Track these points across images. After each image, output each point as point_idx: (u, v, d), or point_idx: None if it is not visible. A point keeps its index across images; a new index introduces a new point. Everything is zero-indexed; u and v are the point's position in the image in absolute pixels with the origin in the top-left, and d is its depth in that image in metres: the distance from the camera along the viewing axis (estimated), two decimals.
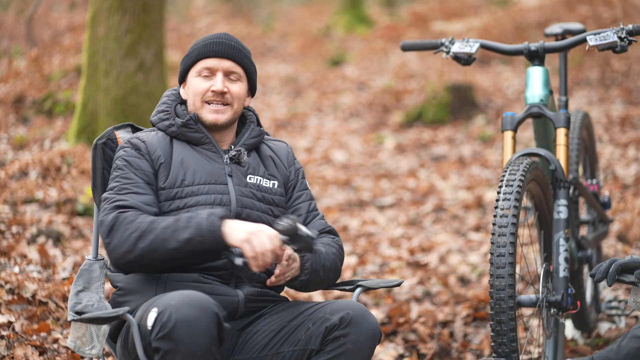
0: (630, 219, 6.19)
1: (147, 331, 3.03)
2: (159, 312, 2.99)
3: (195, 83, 3.42)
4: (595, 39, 4.00)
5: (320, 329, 3.16)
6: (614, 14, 10.84)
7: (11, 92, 9.51)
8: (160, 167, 3.34)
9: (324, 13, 19.24)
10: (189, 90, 3.45)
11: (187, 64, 3.45)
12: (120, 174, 3.32)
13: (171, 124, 3.42)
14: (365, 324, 3.15)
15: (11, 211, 6.25)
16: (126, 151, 3.36)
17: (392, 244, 6.54)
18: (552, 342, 4.05)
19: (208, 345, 2.97)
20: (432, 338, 4.93)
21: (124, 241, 3.18)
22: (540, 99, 4.09)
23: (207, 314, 2.97)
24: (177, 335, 2.94)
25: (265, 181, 3.45)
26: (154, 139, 3.40)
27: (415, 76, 12.15)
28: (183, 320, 2.94)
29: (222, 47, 3.43)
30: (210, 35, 3.48)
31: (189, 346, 2.94)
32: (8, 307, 4.64)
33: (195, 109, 3.43)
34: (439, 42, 4.22)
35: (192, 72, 3.44)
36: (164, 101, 3.51)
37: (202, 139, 3.41)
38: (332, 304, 3.21)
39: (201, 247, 3.15)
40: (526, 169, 3.76)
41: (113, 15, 7.41)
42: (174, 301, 2.99)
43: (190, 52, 3.46)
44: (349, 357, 3.13)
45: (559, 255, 3.91)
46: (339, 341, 3.14)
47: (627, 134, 8.69)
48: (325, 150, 9.30)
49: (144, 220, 3.19)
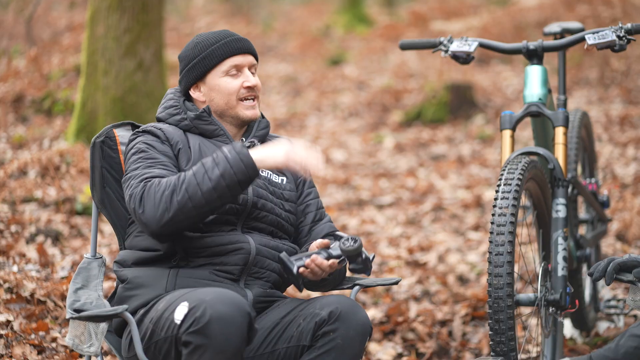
0: (629, 218, 6.19)
1: (173, 325, 3.03)
2: (191, 306, 2.99)
3: (225, 83, 3.40)
4: (594, 38, 4.00)
5: (310, 324, 3.16)
6: (614, 14, 10.84)
7: (10, 92, 9.52)
8: (180, 152, 3.34)
9: (324, 12, 19.24)
10: (216, 92, 3.41)
11: (208, 66, 3.41)
12: (143, 155, 3.29)
13: (183, 118, 3.42)
14: (354, 319, 3.15)
15: (10, 210, 6.25)
16: (146, 137, 3.36)
17: (391, 243, 6.54)
18: (551, 341, 4.05)
19: (239, 344, 2.98)
20: (430, 337, 4.93)
21: (159, 203, 3.15)
22: (538, 98, 4.09)
23: (241, 312, 2.98)
24: (210, 330, 2.95)
25: (275, 176, 3.47)
26: (169, 128, 3.40)
27: (414, 76, 12.15)
28: (218, 316, 2.95)
29: (243, 43, 3.43)
30: (218, 34, 3.45)
31: (221, 343, 2.95)
32: (6, 305, 4.64)
33: (229, 108, 3.41)
34: (437, 41, 4.22)
35: (216, 73, 3.41)
36: (170, 97, 3.49)
37: (216, 131, 3.42)
38: (322, 299, 3.22)
39: (235, 180, 3.14)
40: (525, 167, 3.75)
41: (112, 15, 7.41)
42: (209, 297, 2.99)
43: (207, 54, 3.41)
44: (339, 352, 3.13)
45: (558, 254, 3.91)
46: (328, 336, 3.14)
47: (626, 134, 8.69)
48: (325, 150, 9.30)
49: (170, 178, 3.18)
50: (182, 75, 3.47)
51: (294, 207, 3.48)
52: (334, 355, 3.12)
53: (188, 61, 3.44)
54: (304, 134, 10.07)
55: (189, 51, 3.45)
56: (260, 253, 3.32)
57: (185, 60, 3.45)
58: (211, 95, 3.42)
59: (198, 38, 3.46)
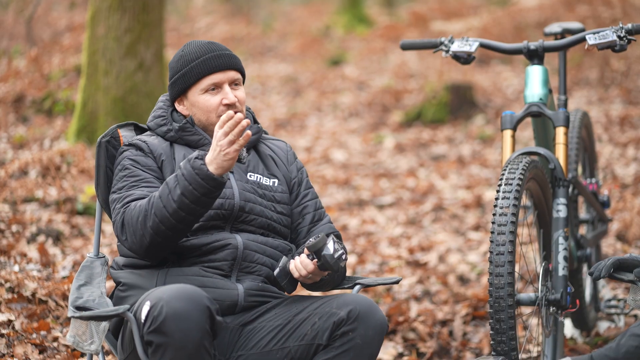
0: (629, 218, 6.19)
1: (141, 324, 3.05)
2: (151, 305, 3.01)
3: (204, 101, 3.40)
4: (595, 38, 4.00)
5: (327, 323, 3.16)
6: (614, 14, 10.84)
7: (11, 92, 9.52)
8: (163, 164, 3.37)
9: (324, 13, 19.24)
10: (196, 109, 3.42)
11: (187, 83, 3.41)
12: (127, 173, 3.34)
13: (169, 129, 3.44)
14: (373, 318, 3.17)
15: (11, 210, 6.25)
16: (130, 152, 3.39)
17: (392, 243, 6.54)
18: (551, 340, 4.06)
19: (199, 338, 2.98)
20: (431, 337, 4.93)
21: (135, 230, 3.20)
22: (539, 98, 4.09)
23: (198, 307, 2.98)
24: (167, 328, 2.96)
25: (265, 179, 3.46)
26: (154, 140, 3.43)
27: (414, 76, 12.15)
28: (173, 313, 2.96)
29: (222, 59, 3.41)
30: (200, 48, 3.42)
31: (179, 340, 2.96)
32: (8, 305, 4.65)
33: (209, 124, 3.41)
34: (438, 41, 4.23)
35: (195, 91, 3.41)
36: (160, 106, 3.52)
37: (201, 141, 3.43)
38: (339, 298, 3.22)
39: (197, 195, 3.14)
40: (525, 167, 3.76)
41: (113, 15, 7.42)
42: (166, 295, 3.00)
43: (186, 71, 3.40)
44: (358, 352, 3.14)
45: (558, 254, 3.91)
46: (347, 336, 3.14)
47: (627, 134, 8.69)
48: (325, 150, 9.30)
49: (143, 202, 3.21)
50: (169, 87, 3.50)
51: (287, 209, 3.48)
52: (353, 354, 3.13)
53: (172, 75, 3.47)
54: (304, 134, 10.08)
55: (174, 64, 3.46)
56: (249, 247, 3.33)
57: (170, 72, 3.48)
58: (193, 110, 3.44)
59: (184, 50, 3.45)
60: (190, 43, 3.47)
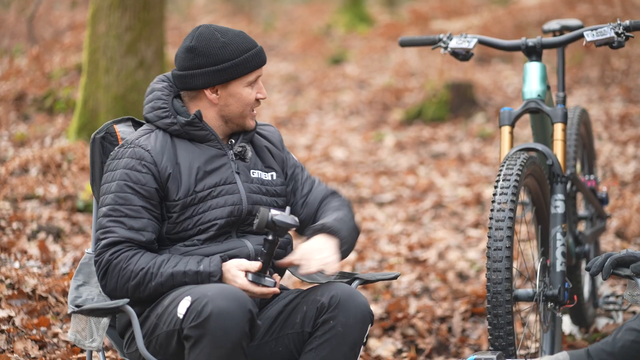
0: (628, 215, 6.21)
1: (175, 319, 3.06)
2: (192, 300, 3.03)
3: (247, 93, 3.34)
4: (593, 35, 4.02)
5: (312, 311, 3.19)
6: (614, 13, 10.85)
7: (12, 90, 9.53)
8: (170, 179, 3.27)
9: (325, 12, 19.24)
10: (235, 99, 3.34)
11: (238, 73, 3.31)
12: (119, 197, 3.25)
13: (173, 122, 3.33)
14: (353, 305, 3.17)
15: (12, 207, 6.27)
16: (127, 162, 3.28)
17: (391, 240, 6.56)
18: (549, 336, 4.07)
19: (239, 339, 3.00)
20: (430, 333, 4.95)
21: (120, 288, 3.21)
22: (537, 95, 4.11)
23: (242, 308, 3.01)
24: (210, 325, 2.98)
25: (265, 174, 3.44)
26: (157, 144, 3.30)
27: (415, 74, 12.16)
28: (219, 311, 2.98)
29: (264, 54, 3.38)
30: (245, 40, 3.35)
31: (220, 337, 2.98)
32: (8, 301, 4.67)
33: (241, 117, 3.36)
34: (436, 38, 4.24)
35: (241, 82, 3.32)
36: (159, 96, 3.37)
37: (208, 136, 3.36)
38: (323, 286, 3.24)
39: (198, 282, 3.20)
40: (523, 163, 3.77)
41: (113, 13, 7.42)
42: (211, 292, 3.02)
43: (240, 61, 3.31)
44: (340, 340, 3.15)
45: (556, 250, 3.93)
46: (328, 324, 3.16)
47: (627, 132, 8.70)
48: (325, 148, 9.31)
49: (136, 266, 3.19)
50: (200, 72, 3.31)
51: (285, 201, 3.48)
52: (335, 343, 3.14)
53: (216, 61, 3.30)
54: (305, 132, 10.09)
55: (217, 50, 3.30)
56: None
57: (212, 58, 3.30)
58: (228, 100, 3.35)
59: (224, 37, 3.32)
60: (221, 31, 3.33)
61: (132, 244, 3.22)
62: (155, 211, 3.26)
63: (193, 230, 3.28)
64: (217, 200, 3.30)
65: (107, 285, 3.22)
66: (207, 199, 3.29)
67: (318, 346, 3.16)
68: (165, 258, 3.21)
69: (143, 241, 3.23)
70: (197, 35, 3.34)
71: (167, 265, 3.19)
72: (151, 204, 3.25)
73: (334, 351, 3.15)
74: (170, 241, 3.30)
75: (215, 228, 3.28)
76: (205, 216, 3.28)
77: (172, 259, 3.21)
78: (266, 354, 3.26)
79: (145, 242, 3.23)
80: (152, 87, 3.42)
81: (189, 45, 3.33)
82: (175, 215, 3.27)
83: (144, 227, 3.23)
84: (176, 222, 3.28)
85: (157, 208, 3.27)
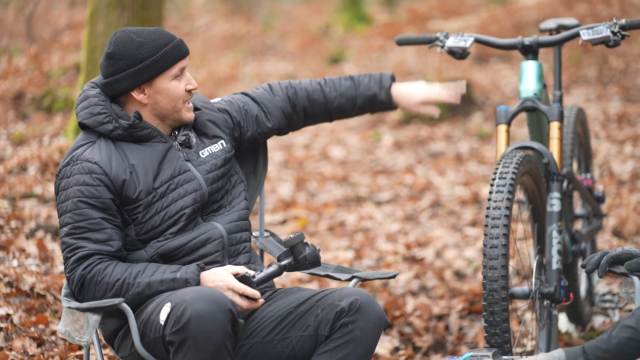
0: (625, 214, 6.22)
1: (159, 326, 3.08)
2: (172, 306, 3.05)
3: (174, 87, 3.35)
4: (588, 34, 4.03)
5: (330, 315, 3.19)
6: (612, 12, 10.86)
7: (11, 89, 9.54)
8: (125, 184, 3.28)
9: (324, 11, 19.25)
10: (163, 96, 3.35)
11: (159, 69, 3.32)
12: (76, 213, 3.25)
13: (115, 127, 3.32)
14: (372, 311, 3.20)
15: (10, 206, 6.28)
16: (78, 178, 3.27)
17: (389, 239, 6.57)
18: (545, 333, 4.08)
19: (221, 340, 3.02)
20: (427, 331, 4.96)
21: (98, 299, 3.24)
22: (534, 93, 4.12)
23: (221, 309, 3.02)
24: (190, 329, 3.00)
25: (215, 146, 3.46)
26: (102, 154, 3.30)
27: (413, 74, 12.16)
28: (198, 315, 2.99)
29: (184, 45, 3.39)
30: (162, 35, 3.35)
31: (201, 341, 2.99)
32: (6, 299, 4.68)
33: (174, 111, 3.37)
34: (433, 37, 4.26)
35: (165, 78, 3.33)
36: (95, 102, 3.34)
37: (151, 134, 3.37)
38: (341, 291, 3.25)
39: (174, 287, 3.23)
40: (519, 162, 3.79)
41: (112, 12, 7.43)
42: (189, 296, 3.04)
43: (159, 57, 3.31)
44: (357, 344, 3.17)
45: (552, 248, 3.94)
46: (347, 328, 3.17)
47: (624, 131, 8.72)
48: (323, 147, 9.33)
49: (111, 278, 3.22)
50: (123, 76, 3.32)
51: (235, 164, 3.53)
52: (352, 347, 3.17)
53: (135, 62, 3.31)
54: (303, 131, 10.10)
55: (134, 51, 3.31)
56: (230, 231, 3.37)
57: (130, 60, 3.31)
58: (157, 98, 3.36)
59: (139, 37, 3.33)
60: (135, 32, 3.35)
61: (102, 255, 3.24)
62: (116, 220, 3.29)
63: (162, 226, 3.31)
64: (177, 192, 3.33)
65: (84, 300, 3.26)
66: (167, 193, 3.32)
67: (334, 348, 3.17)
68: (141, 268, 3.24)
69: (112, 251, 3.26)
70: (114, 40, 3.37)
71: (144, 275, 3.22)
72: (110, 214, 3.28)
73: (350, 354, 3.18)
74: (142, 242, 3.32)
75: (184, 218, 3.32)
76: (171, 209, 3.31)
77: (148, 268, 3.24)
78: (269, 352, 3.28)
79: (115, 252, 3.26)
80: (84, 93, 3.40)
81: (108, 52, 3.36)
82: (140, 215, 3.30)
83: (109, 237, 3.26)
84: (142, 222, 3.30)
85: (116, 217, 3.29)
